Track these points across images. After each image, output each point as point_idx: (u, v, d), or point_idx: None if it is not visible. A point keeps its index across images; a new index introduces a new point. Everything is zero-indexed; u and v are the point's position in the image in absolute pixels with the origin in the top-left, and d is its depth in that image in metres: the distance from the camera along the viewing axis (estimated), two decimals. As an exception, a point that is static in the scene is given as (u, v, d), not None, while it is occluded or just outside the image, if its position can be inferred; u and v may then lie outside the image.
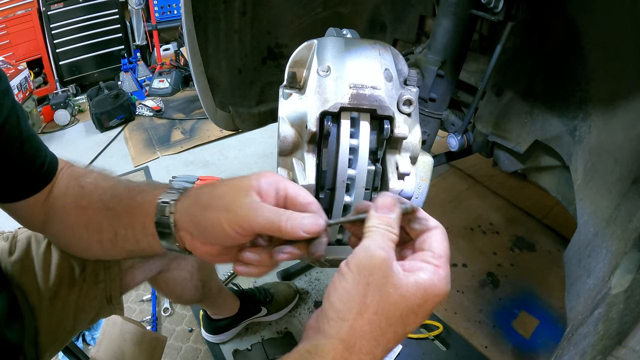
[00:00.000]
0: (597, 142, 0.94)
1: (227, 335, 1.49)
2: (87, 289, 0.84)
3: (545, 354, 1.46)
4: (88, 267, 0.84)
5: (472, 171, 2.36)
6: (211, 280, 1.23)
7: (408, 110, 0.70)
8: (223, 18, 1.34)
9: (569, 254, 0.93)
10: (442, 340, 1.47)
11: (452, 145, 1.19)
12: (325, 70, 0.67)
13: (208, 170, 2.44)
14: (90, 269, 0.84)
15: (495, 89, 1.19)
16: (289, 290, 1.61)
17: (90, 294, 0.85)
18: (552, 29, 1.01)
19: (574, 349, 0.66)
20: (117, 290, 0.89)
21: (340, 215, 0.71)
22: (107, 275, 0.86)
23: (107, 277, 0.87)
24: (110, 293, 0.88)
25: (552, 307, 1.63)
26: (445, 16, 0.99)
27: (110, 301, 0.89)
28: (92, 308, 0.87)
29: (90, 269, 0.84)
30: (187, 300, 1.19)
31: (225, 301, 1.42)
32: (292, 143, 0.70)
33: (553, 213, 2.07)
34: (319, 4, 1.48)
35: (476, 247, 1.90)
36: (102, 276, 0.86)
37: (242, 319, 1.48)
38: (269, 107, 1.63)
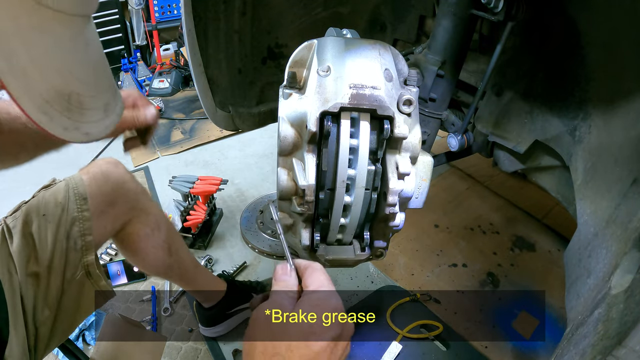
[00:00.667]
0: (597, 142, 0.94)
1: (224, 327, 1.48)
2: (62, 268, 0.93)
3: (545, 354, 1.46)
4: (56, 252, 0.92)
5: (472, 171, 2.36)
6: (180, 248, 1.24)
7: (408, 110, 0.70)
8: (223, 18, 1.34)
9: (569, 254, 0.93)
10: (442, 340, 1.47)
11: (452, 145, 1.18)
12: (325, 70, 0.67)
13: (208, 170, 2.44)
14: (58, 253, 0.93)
15: (495, 89, 1.19)
16: None
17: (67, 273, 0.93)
18: (552, 29, 1.01)
19: (574, 349, 0.66)
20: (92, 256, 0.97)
21: (340, 215, 0.72)
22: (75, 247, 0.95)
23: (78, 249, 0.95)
24: (87, 263, 0.97)
25: (552, 307, 1.63)
26: (445, 16, 0.99)
27: (89, 274, 0.98)
28: (74, 288, 0.95)
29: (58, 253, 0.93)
30: (155, 264, 1.18)
31: (208, 282, 1.41)
32: (292, 143, 0.70)
33: (553, 213, 2.07)
34: (319, 4, 1.48)
35: (476, 247, 1.90)
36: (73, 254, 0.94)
37: (233, 305, 1.48)
38: (269, 107, 1.63)
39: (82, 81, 0.38)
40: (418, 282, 1.71)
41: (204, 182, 1.94)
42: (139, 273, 1.68)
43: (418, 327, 1.51)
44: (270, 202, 2.06)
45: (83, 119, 0.39)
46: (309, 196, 0.68)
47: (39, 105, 0.35)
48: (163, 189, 2.22)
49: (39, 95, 0.35)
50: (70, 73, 0.37)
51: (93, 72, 0.41)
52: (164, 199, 2.16)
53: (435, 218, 2.03)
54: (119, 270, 1.66)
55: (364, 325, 1.51)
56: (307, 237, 0.75)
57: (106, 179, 1.01)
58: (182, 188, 1.92)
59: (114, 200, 1.02)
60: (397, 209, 0.71)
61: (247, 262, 1.80)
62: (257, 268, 1.79)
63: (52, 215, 0.95)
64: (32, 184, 1.01)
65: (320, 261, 0.78)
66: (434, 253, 1.85)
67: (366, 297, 1.63)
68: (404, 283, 1.70)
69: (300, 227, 0.76)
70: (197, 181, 1.95)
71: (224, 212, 2.07)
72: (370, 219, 0.75)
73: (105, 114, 0.41)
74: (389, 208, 0.70)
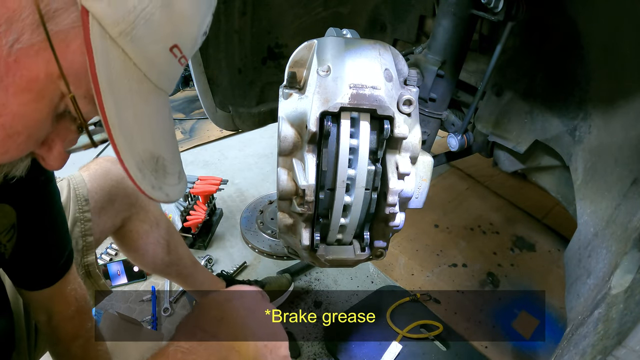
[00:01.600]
0: (597, 142, 0.94)
1: None
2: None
3: (545, 354, 1.46)
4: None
5: (472, 171, 2.36)
6: (179, 245, 1.25)
7: (408, 110, 0.70)
8: (223, 18, 1.34)
9: (569, 254, 0.93)
10: (442, 340, 1.47)
11: (452, 145, 1.18)
12: (325, 70, 0.67)
13: (208, 170, 2.44)
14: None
15: (495, 89, 1.19)
16: (281, 279, 1.61)
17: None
18: (552, 29, 1.01)
19: (574, 349, 0.66)
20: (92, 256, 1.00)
21: (340, 215, 0.72)
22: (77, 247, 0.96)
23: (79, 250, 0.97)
24: (86, 263, 0.99)
25: (552, 307, 1.63)
26: (445, 16, 0.99)
27: (89, 274, 1.00)
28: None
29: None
30: (154, 261, 1.19)
31: (207, 280, 1.42)
32: (292, 143, 0.70)
33: (553, 213, 2.07)
34: (319, 4, 1.48)
35: (476, 247, 1.90)
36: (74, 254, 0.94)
37: None
38: (269, 107, 1.63)
39: (167, 148, 0.45)
40: (418, 282, 1.71)
41: (204, 182, 1.94)
42: (139, 273, 1.68)
43: (418, 327, 1.50)
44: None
45: (165, 182, 0.44)
46: (309, 196, 0.68)
47: (136, 162, 0.41)
48: (163, 189, 2.22)
49: (137, 153, 0.41)
50: (161, 138, 0.44)
51: (173, 141, 0.48)
52: (164, 199, 2.16)
53: (435, 218, 2.03)
54: (119, 270, 1.66)
55: (364, 325, 1.51)
56: (307, 237, 0.75)
57: (106, 176, 1.02)
58: (182, 188, 1.92)
59: (114, 196, 1.03)
60: (397, 209, 0.71)
61: (247, 262, 1.80)
62: (257, 268, 1.79)
63: None
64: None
65: (320, 261, 0.78)
66: (434, 253, 1.85)
67: (366, 297, 1.63)
68: (404, 283, 1.70)
69: (300, 227, 0.76)
70: (197, 181, 1.95)
71: (224, 212, 2.07)
72: (370, 219, 0.75)
73: (179, 180, 0.47)
74: (389, 208, 0.70)
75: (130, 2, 0.36)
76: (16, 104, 0.37)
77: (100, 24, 0.35)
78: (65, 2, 0.35)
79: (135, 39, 0.37)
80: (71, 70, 0.37)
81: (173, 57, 0.41)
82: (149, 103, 0.41)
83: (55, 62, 0.36)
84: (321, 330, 1.51)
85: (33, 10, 0.33)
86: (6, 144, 0.38)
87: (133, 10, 0.36)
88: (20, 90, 0.36)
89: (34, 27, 0.34)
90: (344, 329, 1.49)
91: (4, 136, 0.38)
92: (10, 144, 0.39)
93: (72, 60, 0.37)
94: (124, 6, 0.35)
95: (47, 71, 0.36)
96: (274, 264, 1.80)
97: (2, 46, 0.33)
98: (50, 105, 0.39)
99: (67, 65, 0.37)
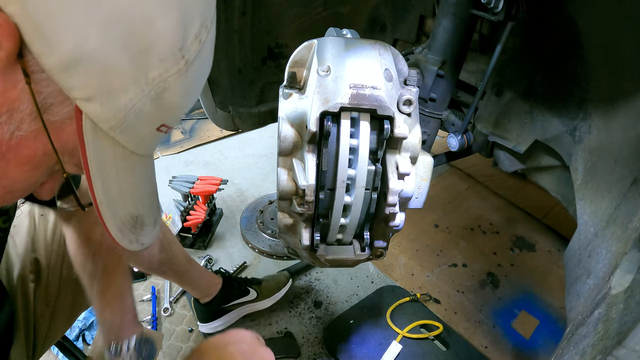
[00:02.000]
0: (597, 142, 0.94)
1: (222, 322, 1.49)
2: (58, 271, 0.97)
3: (545, 354, 1.46)
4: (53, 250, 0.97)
5: (472, 171, 2.36)
6: (172, 243, 1.26)
7: (408, 110, 0.70)
8: (223, 18, 1.34)
9: (569, 254, 0.93)
10: (442, 340, 1.47)
11: (452, 145, 1.19)
12: (325, 70, 0.67)
13: (208, 170, 2.44)
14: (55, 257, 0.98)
15: (495, 89, 1.19)
16: (279, 275, 1.61)
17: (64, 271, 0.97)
18: (552, 29, 1.01)
19: (574, 349, 0.66)
20: None
21: (340, 215, 0.72)
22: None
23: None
24: None
25: (552, 307, 1.63)
26: (445, 16, 0.99)
27: None
28: (70, 286, 0.98)
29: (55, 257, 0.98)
30: (149, 259, 1.20)
31: (202, 276, 1.43)
32: (292, 143, 0.70)
33: (553, 213, 2.07)
34: (319, 4, 1.48)
35: (476, 247, 1.90)
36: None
37: (230, 299, 1.48)
38: (269, 107, 1.63)
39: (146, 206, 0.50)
40: (418, 282, 1.71)
41: (204, 182, 1.94)
42: (139, 273, 1.68)
43: (418, 327, 1.51)
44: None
45: (142, 234, 0.49)
46: (309, 196, 0.68)
47: (117, 225, 0.46)
48: (163, 189, 2.22)
49: (119, 218, 0.46)
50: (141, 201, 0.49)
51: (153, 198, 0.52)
52: (164, 199, 2.16)
53: (435, 218, 2.03)
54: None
55: (364, 325, 1.52)
56: (307, 237, 0.75)
57: None
58: (182, 188, 1.93)
59: None
60: (397, 209, 0.71)
61: (247, 262, 1.80)
62: (257, 268, 1.79)
63: (50, 215, 0.98)
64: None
65: (320, 261, 0.78)
66: (434, 253, 1.86)
67: (366, 297, 1.63)
68: (404, 283, 1.70)
69: (300, 227, 0.76)
70: (197, 181, 1.95)
71: (224, 212, 2.07)
72: (370, 219, 0.75)
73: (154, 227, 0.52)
74: (389, 208, 0.70)
75: (121, 101, 0.39)
76: (16, 173, 0.42)
77: (93, 121, 0.39)
78: (60, 98, 0.38)
79: (125, 130, 0.41)
80: (66, 149, 0.42)
81: (159, 133, 0.44)
82: (134, 174, 0.46)
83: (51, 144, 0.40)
84: (321, 330, 1.51)
85: (31, 102, 0.37)
86: (6, 197, 0.44)
87: (124, 108, 0.39)
88: (20, 163, 0.41)
89: (32, 117, 0.38)
90: (344, 329, 1.50)
91: (5, 192, 0.43)
92: (10, 197, 0.45)
93: (66, 140, 0.41)
94: (116, 105, 0.39)
95: (44, 150, 0.41)
96: (274, 264, 1.80)
97: (4, 133, 0.38)
98: (45, 171, 0.44)
99: (61, 145, 0.41)
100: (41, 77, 0.36)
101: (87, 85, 0.37)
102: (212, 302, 1.45)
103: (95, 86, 0.37)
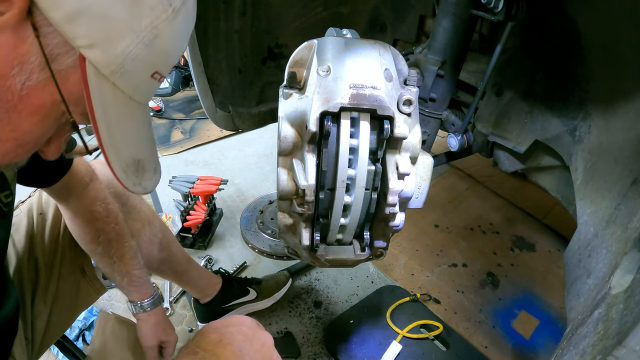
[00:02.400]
0: (597, 142, 0.94)
1: None
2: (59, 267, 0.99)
3: (545, 354, 1.46)
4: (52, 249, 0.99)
5: (472, 171, 2.36)
6: (171, 242, 1.27)
7: (408, 110, 0.70)
8: (223, 18, 1.34)
9: (569, 254, 0.93)
10: (442, 340, 1.47)
11: (452, 145, 1.19)
12: (325, 70, 0.67)
13: (208, 170, 2.44)
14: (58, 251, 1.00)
15: (495, 89, 1.19)
16: (279, 275, 1.61)
17: (63, 270, 0.99)
18: (552, 29, 1.01)
19: (574, 349, 0.66)
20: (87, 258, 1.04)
21: (340, 215, 0.72)
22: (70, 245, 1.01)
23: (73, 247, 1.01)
24: (81, 261, 1.03)
25: (552, 307, 1.63)
26: (445, 16, 0.99)
27: (84, 272, 1.04)
28: (68, 284, 1.00)
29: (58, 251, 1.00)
30: (148, 259, 1.21)
31: (202, 276, 1.43)
32: (292, 143, 0.70)
33: (553, 213, 2.07)
34: (319, 4, 1.48)
35: (476, 247, 1.90)
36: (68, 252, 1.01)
37: (229, 299, 1.48)
38: (269, 107, 1.63)
39: (146, 151, 0.54)
40: (418, 282, 1.71)
41: (204, 182, 1.94)
42: (139, 273, 1.68)
43: (418, 327, 1.51)
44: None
45: (144, 178, 0.54)
46: (309, 196, 0.68)
47: (122, 167, 0.50)
48: (163, 189, 2.22)
49: (123, 160, 0.50)
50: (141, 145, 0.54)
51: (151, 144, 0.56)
52: (164, 199, 2.16)
53: (435, 218, 2.03)
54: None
55: (364, 325, 1.52)
56: (307, 237, 0.75)
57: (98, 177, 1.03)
58: (182, 188, 1.92)
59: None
60: (397, 209, 0.71)
61: (247, 262, 1.80)
62: (257, 268, 1.79)
63: (49, 214, 0.98)
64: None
65: (320, 261, 0.78)
66: (434, 253, 1.86)
67: (366, 297, 1.63)
68: (404, 283, 1.70)
69: (300, 227, 0.76)
70: (197, 181, 1.95)
71: (224, 212, 2.07)
72: (370, 219, 0.75)
73: (154, 174, 0.57)
74: (389, 208, 0.70)
75: (119, 47, 0.44)
76: (27, 124, 0.46)
77: (95, 66, 0.44)
78: (65, 48, 0.43)
79: (123, 74, 0.45)
80: (71, 97, 0.46)
81: (154, 80, 0.49)
82: (134, 118, 0.51)
83: (58, 93, 0.45)
84: (321, 330, 1.51)
85: (39, 54, 0.42)
86: (17, 150, 0.48)
87: (122, 54, 0.44)
88: (30, 114, 0.45)
89: (41, 68, 0.43)
90: (344, 329, 1.50)
91: (16, 146, 0.47)
92: (21, 151, 0.49)
93: (71, 90, 0.46)
94: (115, 51, 0.44)
95: (52, 99, 0.45)
96: (274, 264, 1.80)
97: (15, 84, 0.42)
98: (53, 121, 0.48)
99: (68, 93, 0.46)
100: (48, 30, 0.41)
101: (89, 34, 0.42)
102: (211, 302, 1.45)
103: (96, 34, 0.42)
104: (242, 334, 0.61)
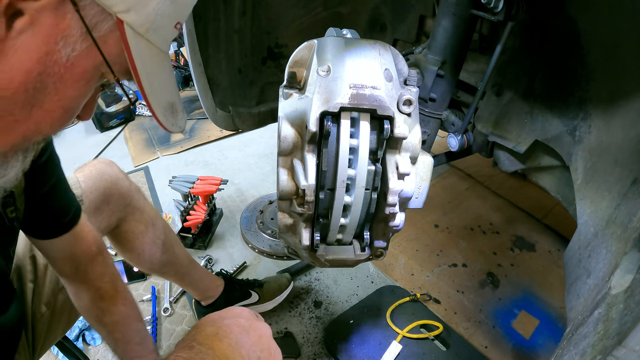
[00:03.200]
0: (597, 142, 0.94)
1: None
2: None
3: (545, 354, 1.46)
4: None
5: (472, 171, 2.36)
6: (174, 244, 1.27)
7: (408, 110, 0.70)
8: (223, 18, 1.34)
9: (569, 254, 0.93)
10: (442, 340, 1.47)
11: (452, 145, 1.19)
12: (325, 70, 0.67)
13: (208, 170, 2.44)
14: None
15: (495, 89, 1.19)
16: (281, 278, 1.61)
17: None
18: (552, 29, 1.01)
19: (574, 349, 0.66)
20: None
21: (340, 215, 0.71)
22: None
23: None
24: None
25: (552, 307, 1.63)
26: (445, 16, 0.99)
27: None
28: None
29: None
30: (151, 260, 1.20)
31: (204, 278, 1.43)
32: (292, 143, 0.70)
33: (553, 213, 2.07)
34: (319, 4, 1.48)
35: (476, 247, 1.90)
36: None
37: (231, 302, 1.48)
38: (269, 107, 1.63)
39: (176, 94, 0.60)
40: (418, 282, 1.71)
41: (204, 182, 1.94)
42: (138, 273, 1.68)
43: (418, 327, 1.51)
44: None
45: (177, 118, 0.60)
46: (309, 196, 0.68)
47: (162, 111, 0.57)
48: (163, 189, 2.22)
49: (162, 106, 0.57)
50: (173, 90, 0.60)
51: (177, 87, 0.62)
52: (164, 199, 2.16)
53: (435, 218, 2.03)
54: (119, 271, 1.66)
55: (364, 325, 1.52)
56: (307, 237, 0.75)
57: (100, 176, 1.03)
58: (182, 188, 1.92)
59: (109, 197, 1.04)
60: (397, 209, 0.71)
61: (247, 262, 1.80)
62: (257, 268, 1.79)
63: None
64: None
65: (320, 261, 0.78)
66: (434, 253, 1.86)
67: (366, 297, 1.63)
68: (404, 283, 1.70)
69: (300, 227, 0.76)
70: (197, 181, 1.95)
71: (224, 212, 2.07)
72: (370, 219, 0.75)
73: (183, 114, 0.62)
74: (389, 208, 0.70)
75: (150, 7, 0.49)
76: (72, 90, 0.50)
77: (132, 27, 0.48)
78: (102, 16, 0.47)
79: (155, 30, 0.51)
80: (110, 58, 0.50)
81: (176, 30, 0.55)
82: (164, 67, 0.56)
83: (100, 55, 0.49)
84: (321, 330, 1.51)
85: (80, 25, 0.46)
86: (64, 117, 0.52)
87: (152, 12, 0.49)
88: (75, 81, 0.50)
89: (82, 37, 0.47)
90: (344, 329, 1.50)
91: (63, 113, 0.52)
92: (67, 117, 0.53)
93: (109, 51, 0.50)
94: (147, 11, 0.49)
95: (94, 64, 0.50)
96: (274, 264, 1.80)
97: (61, 57, 0.47)
98: (94, 85, 0.53)
99: (107, 54, 0.50)
100: (86, 2, 0.46)
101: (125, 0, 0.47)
102: (213, 305, 1.45)
103: None
104: (239, 326, 0.61)
